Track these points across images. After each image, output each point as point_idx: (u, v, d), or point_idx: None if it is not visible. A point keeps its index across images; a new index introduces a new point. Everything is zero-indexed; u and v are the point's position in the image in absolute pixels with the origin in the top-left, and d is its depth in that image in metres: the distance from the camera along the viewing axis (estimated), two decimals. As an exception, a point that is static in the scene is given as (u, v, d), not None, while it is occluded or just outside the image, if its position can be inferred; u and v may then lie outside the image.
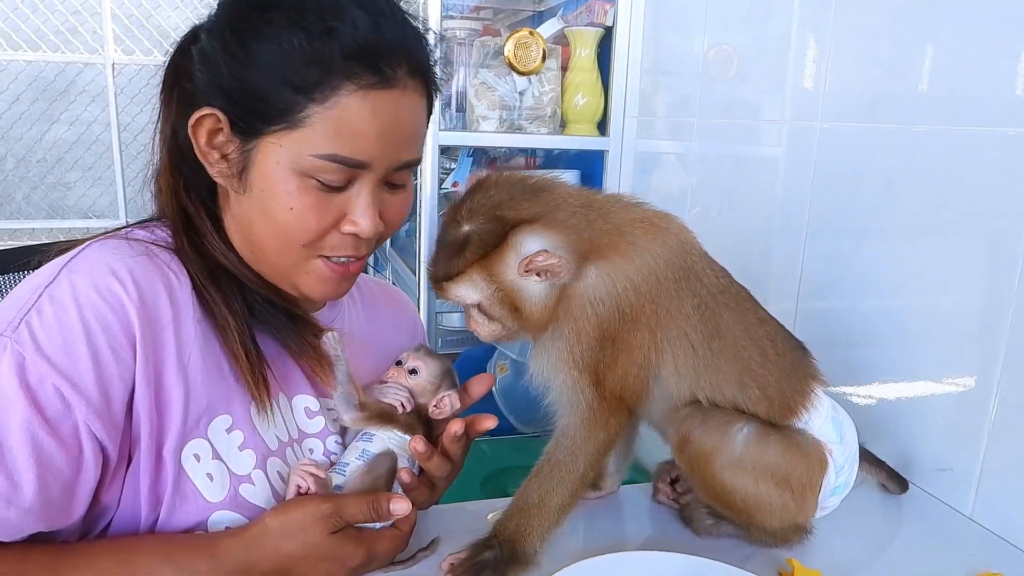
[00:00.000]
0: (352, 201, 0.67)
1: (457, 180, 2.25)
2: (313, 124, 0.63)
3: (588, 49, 1.69)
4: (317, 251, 0.69)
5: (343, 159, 0.64)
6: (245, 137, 0.65)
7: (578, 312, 0.72)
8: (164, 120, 0.71)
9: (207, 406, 0.65)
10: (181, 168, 0.70)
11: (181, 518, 0.63)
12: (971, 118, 0.86)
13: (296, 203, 0.65)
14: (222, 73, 0.64)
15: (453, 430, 0.71)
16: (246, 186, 0.66)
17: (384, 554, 0.67)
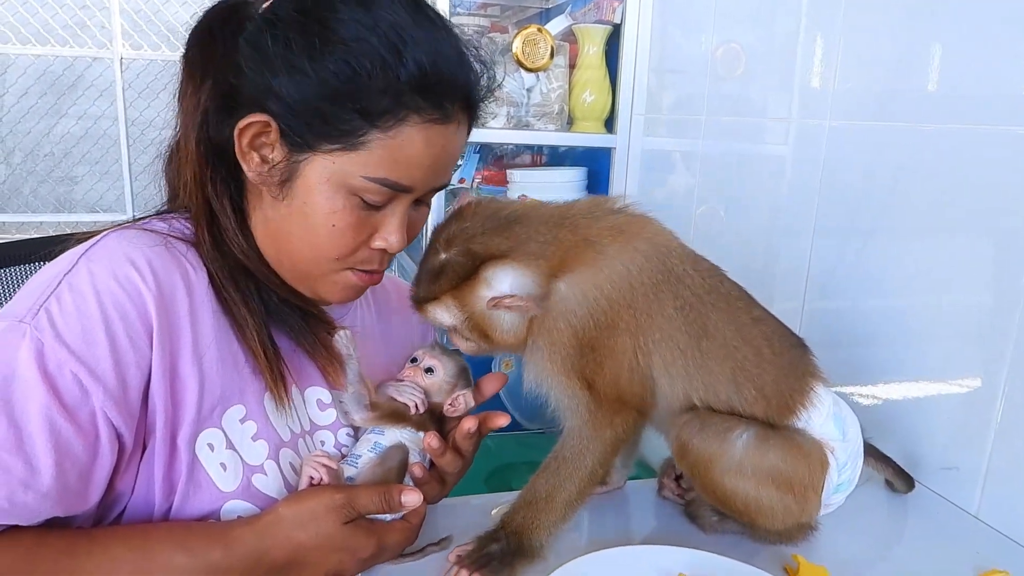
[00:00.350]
0: (386, 219, 0.69)
1: (464, 176, 2.26)
2: (371, 149, 0.64)
3: (596, 46, 1.69)
4: (347, 264, 0.70)
5: (392, 184, 0.66)
6: (296, 148, 0.65)
7: (551, 326, 0.73)
8: (191, 106, 0.68)
9: (221, 396, 0.66)
10: (210, 160, 0.68)
11: (194, 506, 0.64)
12: (979, 116, 0.86)
13: (339, 220, 0.66)
14: (284, 82, 0.63)
15: (467, 427, 0.72)
16: (286, 195, 0.67)
17: (394, 546, 0.68)
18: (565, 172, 1.80)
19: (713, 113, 1.44)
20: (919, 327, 0.95)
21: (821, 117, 1.12)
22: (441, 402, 0.77)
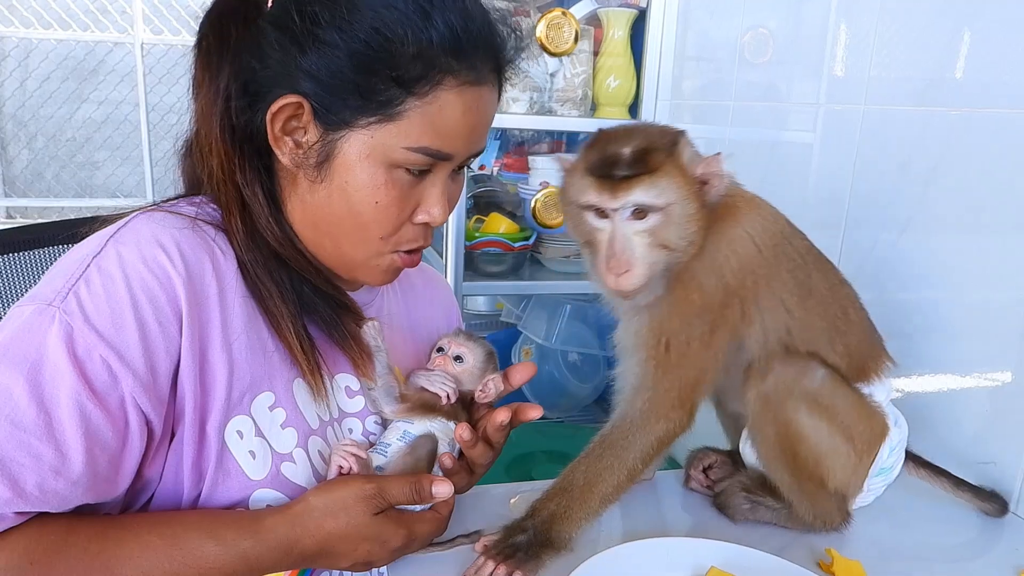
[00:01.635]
0: (427, 191, 0.68)
1: (484, 163, 2.25)
2: (410, 118, 0.63)
3: (621, 31, 1.66)
4: (393, 246, 0.69)
5: (434, 152, 0.65)
6: (331, 127, 0.64)
7: (688, 277, 0.72)
8: (210, 96, 0.67)
9: (251, 383, 0.65)
10: (236, 147, 0.67)
11: (223, 494, 0.63)
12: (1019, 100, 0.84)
13: (383, 196, 0.65)
14: (313, 58, 0.62)
15: (499, 419, 0.71)
16: (324, 176, 0.65)
17: (424, 536, 0.67)
18: (588, 159, 1.78)
19: (740, 99, 1.42)
20: (956, 321, 0.93)
21: (854, 102, 1.10)
22: (471, 389, 0.76)
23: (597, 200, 0.70)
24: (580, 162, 0.73)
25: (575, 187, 0.72)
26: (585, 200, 0.71)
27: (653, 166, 0.68)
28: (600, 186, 0.69)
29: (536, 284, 1.78)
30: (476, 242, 1.71)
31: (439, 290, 0.93)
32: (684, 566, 0.68)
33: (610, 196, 0.69)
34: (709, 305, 0.72)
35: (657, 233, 0.70)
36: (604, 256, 0.70)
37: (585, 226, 0.73)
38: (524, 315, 1.98)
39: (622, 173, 0.68)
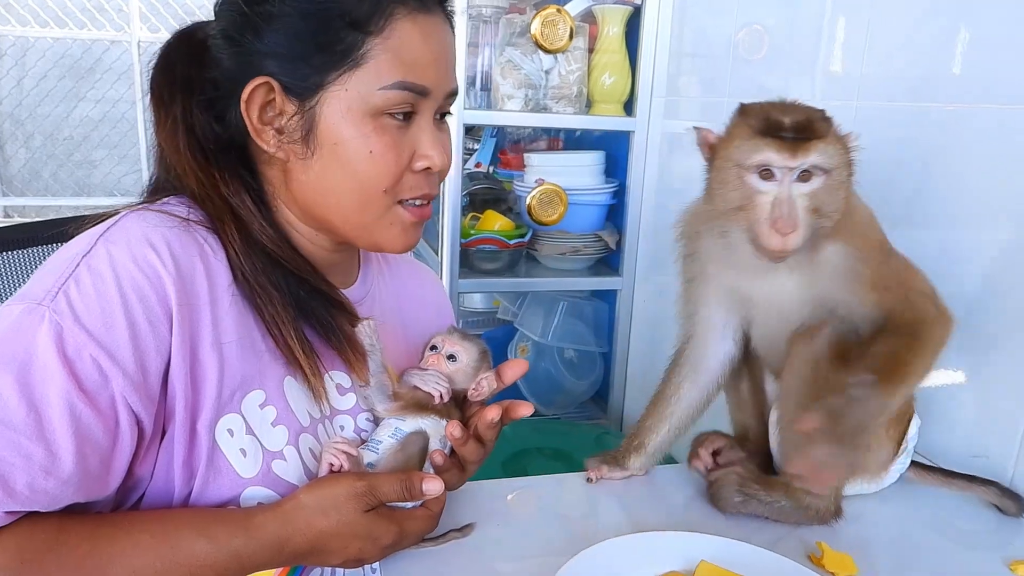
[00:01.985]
0: (418, 136, 0.69)
1: (480, 160, 2.25)
2: (375, 57, 0.65)
3: (616, 27, 1.66)
4: (396, 196, 0.70)
5: (411, 85, 0.66)
6: (304, 96, 0.65)
7: (860, 231, 0.78)
8: (170, 130, 0.69)
9: (241, 381, 0.65)
10: (213, 161, 0.69)
11: (214, 493, 0.64)
12: (1016, 96, 0.84)
13: (375, 145, 0.66)
14: (268, 36, 0.64)
15: (490, 417, 0.71)
16: (314, 148, 0.66)
17: (415, 533, 0.68)
18: (583, 156, 1.78)
19: (735, 96, 1.41)
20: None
21: (848, 99, 1.10)
22: (464, 387, 0.76)
23: (776, 159, 0.71)
24: (744, 127, 0.73)
25: (743, 148, 0.72)
26: (759, 159, 0.72)
27: (822, 132, 0.72)
28: (779, 146, 0.71)
29: (532, 281, 1.79)
30: (471, 239, 1.71)
31: (431, 288, 0.93)
32: (674, 560, 0.68)
33: (790, 155, 0.71)
34: (884, 244, 0.79)
35: (817, 196, 0.72)
36: (770, 217, 0.72)
37: (745, 189, 0.73)
38: (520, 312, 1.98)
39: (800, 136, 0.71)
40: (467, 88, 1.73)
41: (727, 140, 0.75)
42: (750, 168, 0.72)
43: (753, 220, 0.73)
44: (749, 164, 0.72)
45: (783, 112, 0.72)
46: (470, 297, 2.29)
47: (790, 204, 0.71)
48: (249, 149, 0.71)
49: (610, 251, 1.82)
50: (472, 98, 1.76)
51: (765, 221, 0.72)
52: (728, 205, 0.75)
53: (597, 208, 1.78)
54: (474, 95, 1.76)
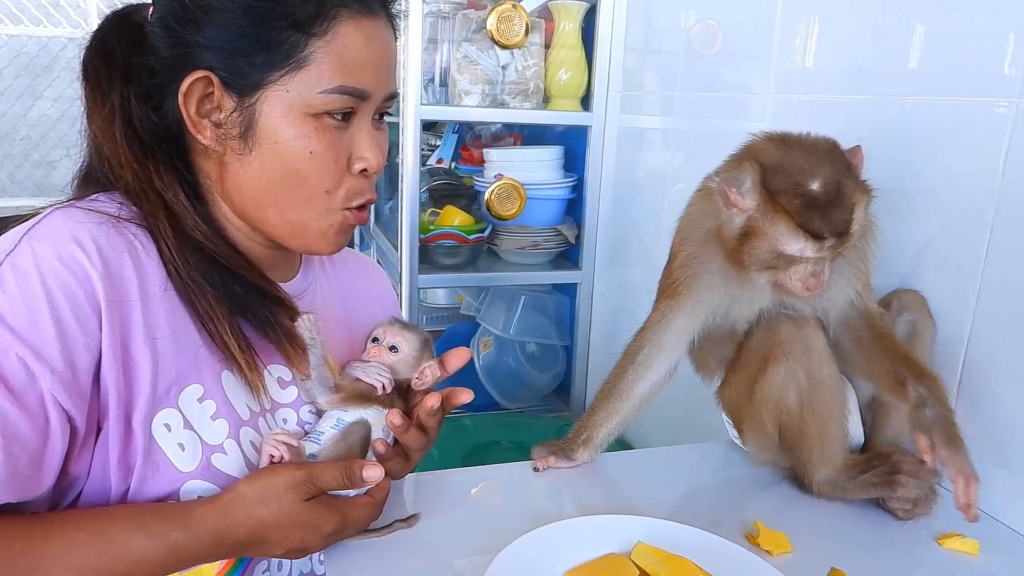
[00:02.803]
0: (356, 138, 0.69)
1: (442, 157, 2.25)
2: (317, 60, 0.65)
3: (572, 23, 1.68)
4: (339, 200, 0.70)
5: (351, 89, 0.66)
6: (244, 92, 0.65)
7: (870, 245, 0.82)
8: (106, 117, 0.67)
9: (176, 376, 0.65)
10: (148, 154, 0.68)
11: (153, 488, 0.64)
12: (955, 89, 0.86)
13: (315, 145, 0.66)
14: (208, 30, 0.64)
15: (430, 404, 0.72)
16: (252, 145, 0.66)
17: (358, 521, 0.68)
18: (542, 151, 1.80)
19: (690, 90, 1.44)
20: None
21: (802, 92, 1.12)
22: (408, 377, 0.77)
23: (814, 254, 0.73)
24: (781, 214, 0.72)
25: (780, 237, 0.73)
26: (798, 253, 0.73)
27: (851, 201, 0.72)
28: (818, 245, 0.72)
29: (492, 276, 1.80)
30: (431, 235, 1.72)
31: (375, 280, 0.93)
32: (613, 543, 0.70)
33: (827, 251, 0.73)
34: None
35: (846, 249, 0.75)
36: (801, 277, 0.75)
37: (779, 260, 0.75)
38: (483, 307, 1.99)
39: (839, 230, 0.72)
40: (426, 84, 1.73)
41: (767, 220, 0.73)
42: (789, 255, 0.74)
43: (782, 278, 0.76)
44: (789, 253, 0.73)
45: (823, 190, 0.71)
46: (433, 293, 2.30)
47: (823, 272, 0.75)
48: (185, 140, 0.70)
49: (570, 245, 1.84)
50: (431, 94, 1.76)
51: (796, 281, 0.75)
52: (757, 266, 0.77)
53: (556, 202, 1.79)
54: (432, 91, 1.77)
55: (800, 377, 0.81)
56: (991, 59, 0.82)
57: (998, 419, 0.82)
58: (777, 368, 0.82)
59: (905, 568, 0.74)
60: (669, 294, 0.87)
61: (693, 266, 0.85)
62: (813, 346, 0.81)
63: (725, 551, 0.69)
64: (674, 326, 0.88)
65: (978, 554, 0.75)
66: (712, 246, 0.82)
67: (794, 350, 0.81)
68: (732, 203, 0.75)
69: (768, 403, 0.83)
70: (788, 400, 0.82)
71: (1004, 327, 0.81)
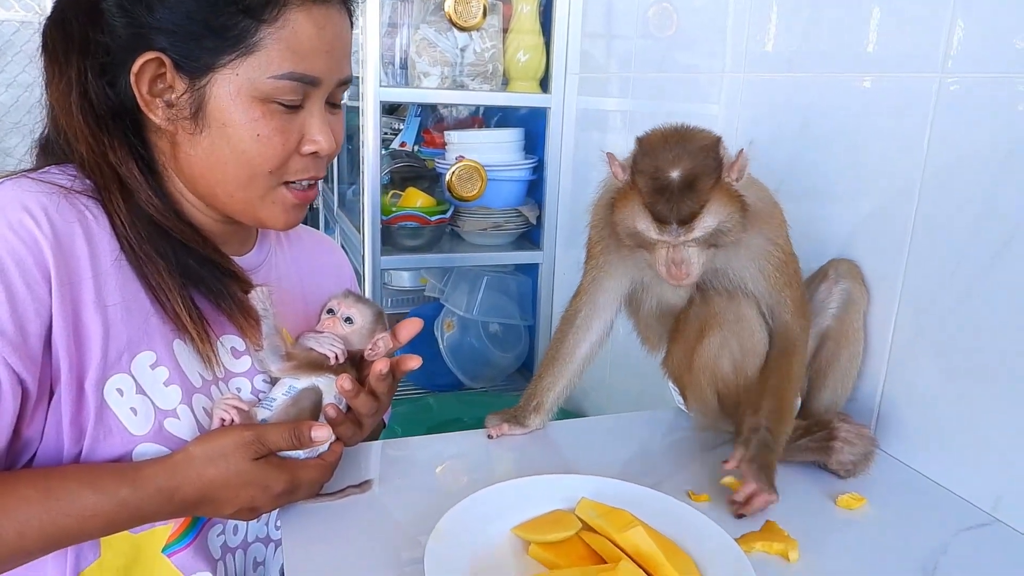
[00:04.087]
0: (307, 121, 0.71)
1: (405, 140, 2.26)
2: (267, 46, 0.66)
3: (530, 6, 1.69)
4: (282, 177, 0.72)
5: (300, 76, 0.68)
6: (195, 75, 0.66)
7: (773, 225, 0.84)
8: (63, 89, 0.68)
9: (128, 343, 0.66)
10: (103, 128, 0.69)
11: (105, 450, 0.65)
12: (900, 66, 0.89)
13: (263, 129, 0.68)
14: (160, 12, 0.64)
15: (378, 369, 0.74)
16: (202, 125, 0.67)
17: (309, 482, 0.70)
18: (503, 133, 1.82)
19: (646, 71, 1.47)
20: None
21: (758, 71, 1.14)
22: (361, 348, 0.79)
23: (658, 237, 0.76)
24: (635, 192, 0.76)
25: (632, 214, 0.77)
26: (645, 234, 0.77)
27: (704, 197, 0.75)
28: (661, 228, 0.75)
29: (454, 257, 1.82)
30: (393, 216, 1.73)
31: (331, 254, 0.95)
32: (557, 500, 0.73)
33: (672, 235, 0.75)
34: (789, 242, 0.87)
35: (710, 239, 0.77)
36: (664, 263, 0.78)
37: (640, 237, 0.78)
38: (446, 289, 2.01)
39: (682, 218, 0.74)
40: (386, 66, 1.74)
41: (623, 199, 0.78)
42: (640, 233, 0.77)
43: (650, 260, 0.80)
44: (638, 228, 0.77)
45: (672, 176, 0.74)
46: (398, 275, 2.31)
47: (681, 258, 0.77)
48: (140, 116, 0.71)
49: (531, 226, 1.87)
50: (391, 76, 1.77)
51: (662, 265, 0.78)
52: (626, 239, 0.80)
53: (517, 184, 1.82)
54: (392, 73, 1.77)
55: (733, 345, 0.85)
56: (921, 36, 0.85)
57: (923, 382, 0.86)
58: (712, 337, 0.85)
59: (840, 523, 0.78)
60: (592, 259, 0.92)
61: (602, 232, 0.90)
62: (744, 315, 0.85)
63: (663, 504, 0.72)
64: (605, 286, 0.92)
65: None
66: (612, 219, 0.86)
67: (727, 320, 0.85)
68: (614, 172, 0.81)
69: (705, 370, 0.87)
70: (723, 367, 0.86)
71: (931, 293, 0.85)
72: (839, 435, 0.85)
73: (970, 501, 0.81)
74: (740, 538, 0.69)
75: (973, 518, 0.78)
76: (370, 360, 0.79)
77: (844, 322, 0.91)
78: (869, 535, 0.75)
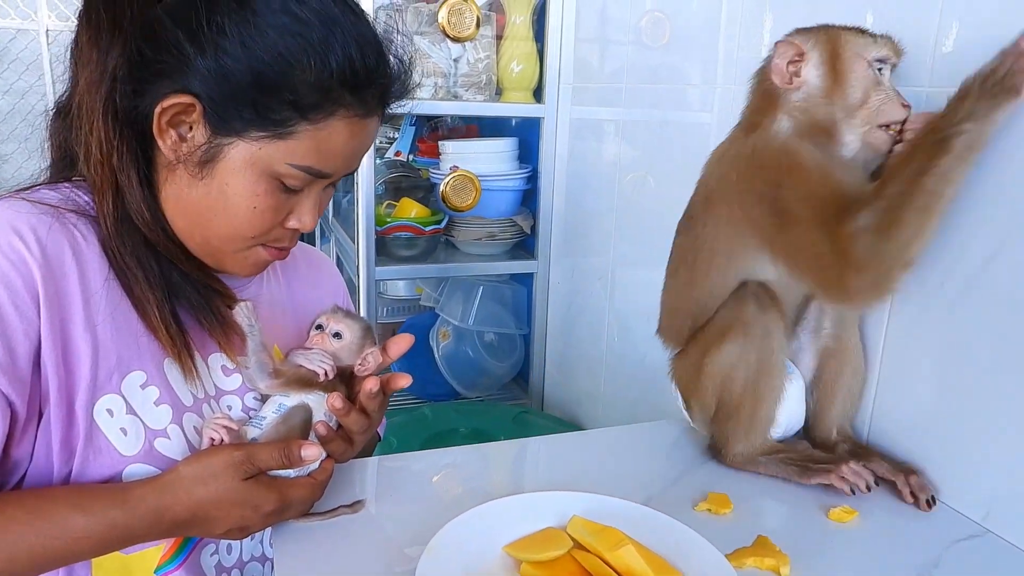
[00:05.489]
0: (301, 201, 0.71)
1: (400, 149, 2.26)
2: (299, 138, 0.66)
3: (523, 16, 1.70)
4: (258, 242, 0.72)
5: (316, 172, 0.68)
6: (220, 132, 0.65)
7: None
8: (95, 72, 0.64)
9: (118, 362, 0.66)
10: (118, 130, 0.66)
11: (95, 471, 0.65)
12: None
13: (260, 203, 0.68)
14: (212, 64, 0.62)
15: (368, 387, 0.73)
16: (206, 175, 0.67)
17: (299, 501, 0.70)
18: (497, 142, 1.82)
19: (640, 81, 1.47)
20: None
21: (742, 82, 1.15)
22: (350, 364, 0.79)
23: (892, 54, 0.80)
24: (856, 33, 0.81)
25: (864, 44, 0.80)
26: (880, 54, 0.79)
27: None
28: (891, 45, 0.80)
29: (449, 267, 1.82)
30: (388, 227, 1.73)
31: (324, 272, 0.95)
32: (549, 517, 0.73)
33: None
34: None
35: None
36: (890, 95, 0.79)
37: (868, 80, 0.79)
38: (441, 298, 2.01)
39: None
40: (379, 76, 1.74)
41: (851, 37, 0.81)
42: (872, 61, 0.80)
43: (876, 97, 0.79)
44: (873, 57, 0.79)
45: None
46: (393, 285, 2.31)
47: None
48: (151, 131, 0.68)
49: (525, 235, 1.87)
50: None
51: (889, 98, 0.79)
52: (854, 94, 0.79)
53: (511, 193, 1.82)
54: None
55: (751, 358, 0.85)
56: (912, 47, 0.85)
57: (913, 393, 0.86)
58: (734, 345, 0.85)
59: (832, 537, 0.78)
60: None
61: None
62: (772, 332, 0.84)
63: (654, 521, 0.72)
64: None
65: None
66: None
67: (754, 332, 0.84)
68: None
69: (715, 375, 0.87)
70: (735, 376, 0.86)
71: (920, 306, 0.85)
72: (839, 472, 0.83)
73: (961, 512, 0.81)
74: (731, 554, 0.70)
75: (964, 530, 0.78)
76: (360, 376, 0.79)
77: (841, 340, 0.90)
78: (861, 549, 0.75)
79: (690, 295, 0.91)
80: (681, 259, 0.93)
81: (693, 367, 0.91)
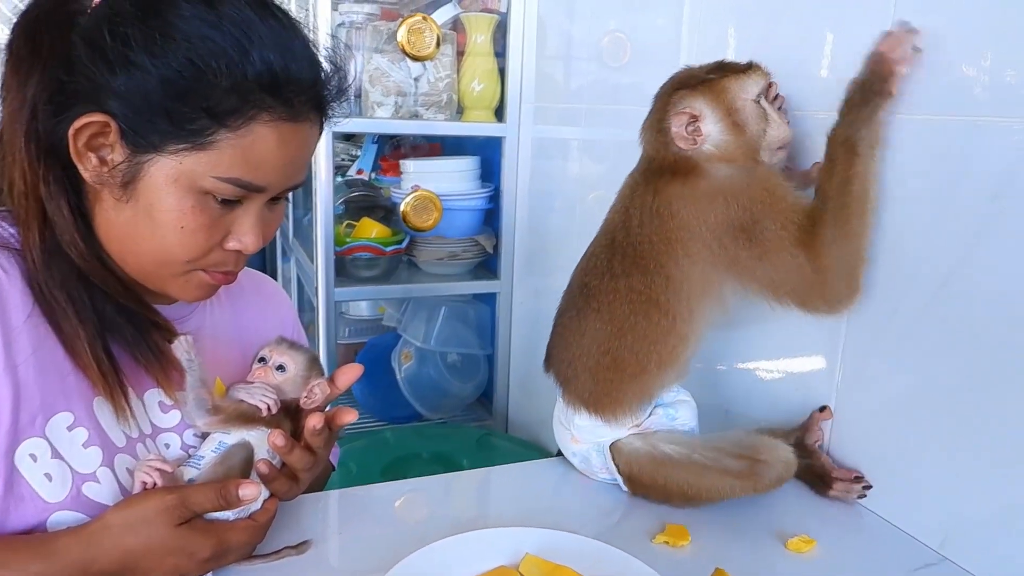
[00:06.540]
0: (239, 220, 0.67)
1: (362, 167, 2.24)
2: (220, 148, 0.62)
3: (484, 35, 1.69)
4: (197, 265, 0.68)
5: (245, 184, 0.64)
6: (139, 149, 0.62)
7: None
8: (16, 102, 0.63)
9: (42, 404, 0.63)
10: (41, 159, 0.64)
11: (17, 520, 0.61)
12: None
13: (189, 222, 0.64)
14: (123, 80, 0.60)
15: (312, 424, 0.71)
16: (130, 196, 0.64)
17: (239, 545, 0.67)
18: (458, 161, 1.81)
19: (601, 101, 1.47)
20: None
21: None
22: (296, 397, 0.76)
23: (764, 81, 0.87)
24: (732, 76, 0.87)
25: (742, 86, 0.86)
26: (758, 88, 0.86)
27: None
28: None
29: (410, 287, 1.79)
30: (347, 247, 1.70)
31: (272, 299, 0.92)
32: (502, 555, 0.71)
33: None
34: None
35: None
36: (775, 122, 0.87)
37: (758, 115, 0.86)
38: (403, 318, 1.98)
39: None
40: (339, 95, 1.72)
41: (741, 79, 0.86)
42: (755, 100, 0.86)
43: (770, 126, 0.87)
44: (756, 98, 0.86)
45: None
46: (356, 305, 2.28)
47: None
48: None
49: (488, 255, 1.85)
50: (343, 105, 1.75)
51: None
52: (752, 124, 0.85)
53: (473, 213, 1.80)
54: (346, 102, 1.75)
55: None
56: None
57: (869, 418, 0.86)
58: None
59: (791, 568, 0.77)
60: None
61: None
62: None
63: (608, 557, 0.70)
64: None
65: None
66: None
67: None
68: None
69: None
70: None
71: (876, 329, 0.85)
72: (834, 489, 0.88)
73: (918, 539, 0.80)
74: (688, 590, 0.68)
75: (922, 558, 0.78)
76: (306, 408, 0.76)
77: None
78: (819, 580, 0.74)
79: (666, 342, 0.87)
80: (645, 305, 0.87)
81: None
